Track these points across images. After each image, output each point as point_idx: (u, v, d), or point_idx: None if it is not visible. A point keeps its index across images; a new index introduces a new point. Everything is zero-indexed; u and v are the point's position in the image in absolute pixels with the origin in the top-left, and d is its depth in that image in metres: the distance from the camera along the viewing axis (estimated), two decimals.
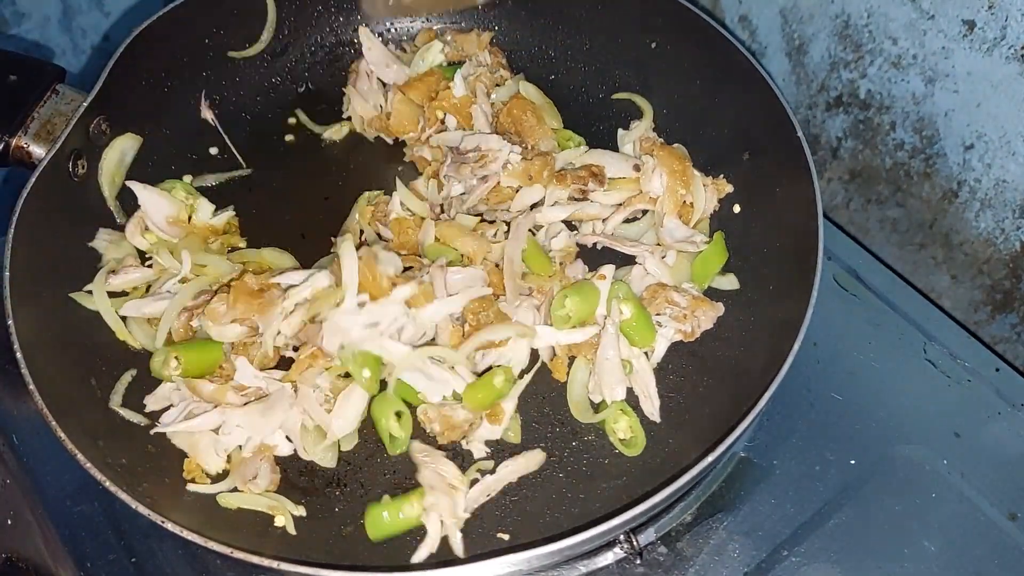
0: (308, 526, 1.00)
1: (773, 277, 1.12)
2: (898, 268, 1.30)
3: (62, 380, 1.00)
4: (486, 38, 1.35)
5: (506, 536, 0.99)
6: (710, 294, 1.14)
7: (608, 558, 1.02)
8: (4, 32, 1.50)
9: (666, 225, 1.17)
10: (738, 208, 1.21)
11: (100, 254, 1.15)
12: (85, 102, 1.11)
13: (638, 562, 1.01)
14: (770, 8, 1.35)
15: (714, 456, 0.89)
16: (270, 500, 0.99)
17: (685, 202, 1.20)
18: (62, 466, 1.07)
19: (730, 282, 1.16)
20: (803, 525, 1.05)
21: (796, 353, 0.95)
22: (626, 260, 1.17)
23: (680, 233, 1.17)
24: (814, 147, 1.39)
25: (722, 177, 1.21)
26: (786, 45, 1.36)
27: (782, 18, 1.34)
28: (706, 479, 1.07)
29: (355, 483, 1.03)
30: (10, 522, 1.07)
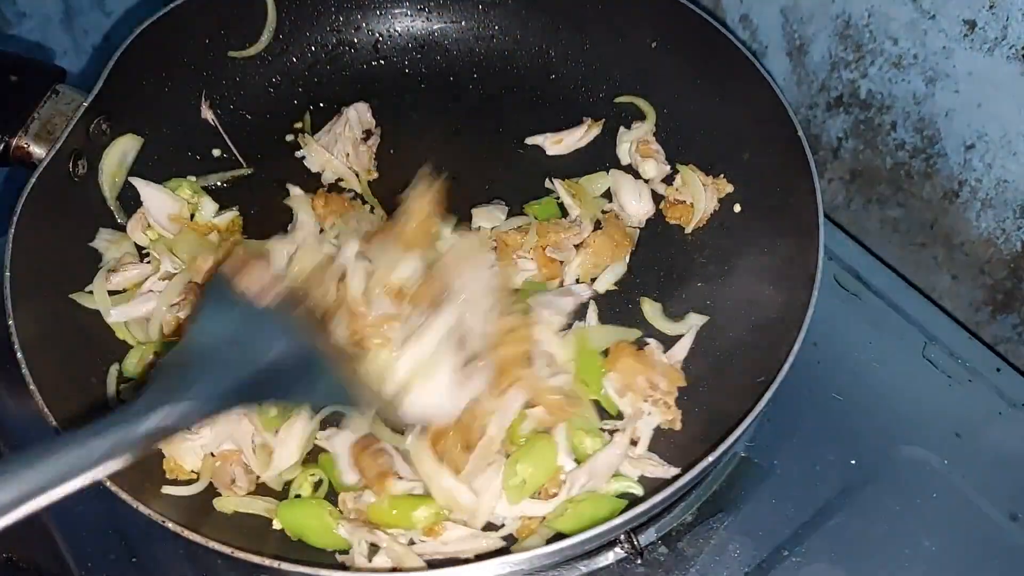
0: None
1: (773, 277, 1.12)
2: (899, 268, 1.30)
3: (62, 380, 0.99)
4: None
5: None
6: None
7: (609, 558, 1.01)
8: (5, 32, 1.50)
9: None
10: (738, 208, 1.21)
11: (100, 254, 1.15)
12: (85, 102, 1.11)
13: (639, 562, 1.01)
14: (771, 8, 1.35)
15: (715, 456, 0.89)
16: (267, 503, 0.98)
17: (686, 202, 1.20)
18: None
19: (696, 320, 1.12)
20: (804, 525, 1.05)
21: (796, 353, 0.95)
22: None
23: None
24: (815, 147, 1.39)
25: (722, 177, 1.21)
26: (787, 45, 1.36)
27: (783, 18, 1.34)
28: (707, 479, 1.07)
29: None
30: None
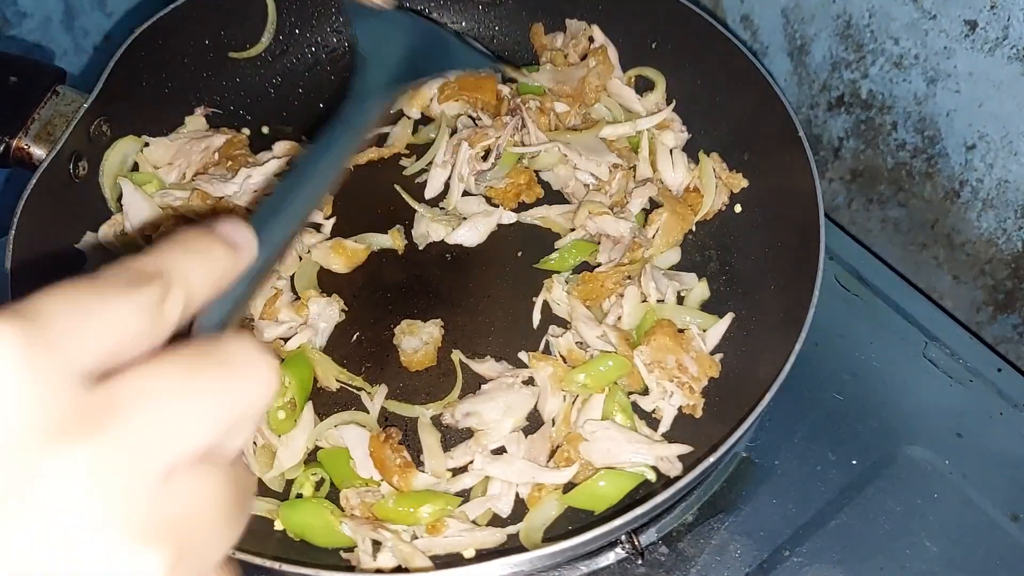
0: None
1: (774, 277, 1.12)
2: (900, 268, 1.30)
3: None
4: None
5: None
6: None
7: (610, 558, 1.01)
8: (5, 32, 1.49)
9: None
10: (739, 208, 1.21)
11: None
12: (85, 103, 1.11)
13: (639, 562, 1.01)
14: (772, 8, 1.34)
15: (716, 456, 0.89)
16: (268, 504, 0.97)
17: (693, 187, 1.21)
18: None
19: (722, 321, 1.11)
20: (805, 525, 1.05)
21: (797, 353, 0.95)
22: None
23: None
24: (815, 147, 1.39)
25: (736, 171, 1.21)
26: (788, 45, 1.36)
27: (784, 18, 1.34)
28: (708, 479, 1.07)
29: None
30: None
